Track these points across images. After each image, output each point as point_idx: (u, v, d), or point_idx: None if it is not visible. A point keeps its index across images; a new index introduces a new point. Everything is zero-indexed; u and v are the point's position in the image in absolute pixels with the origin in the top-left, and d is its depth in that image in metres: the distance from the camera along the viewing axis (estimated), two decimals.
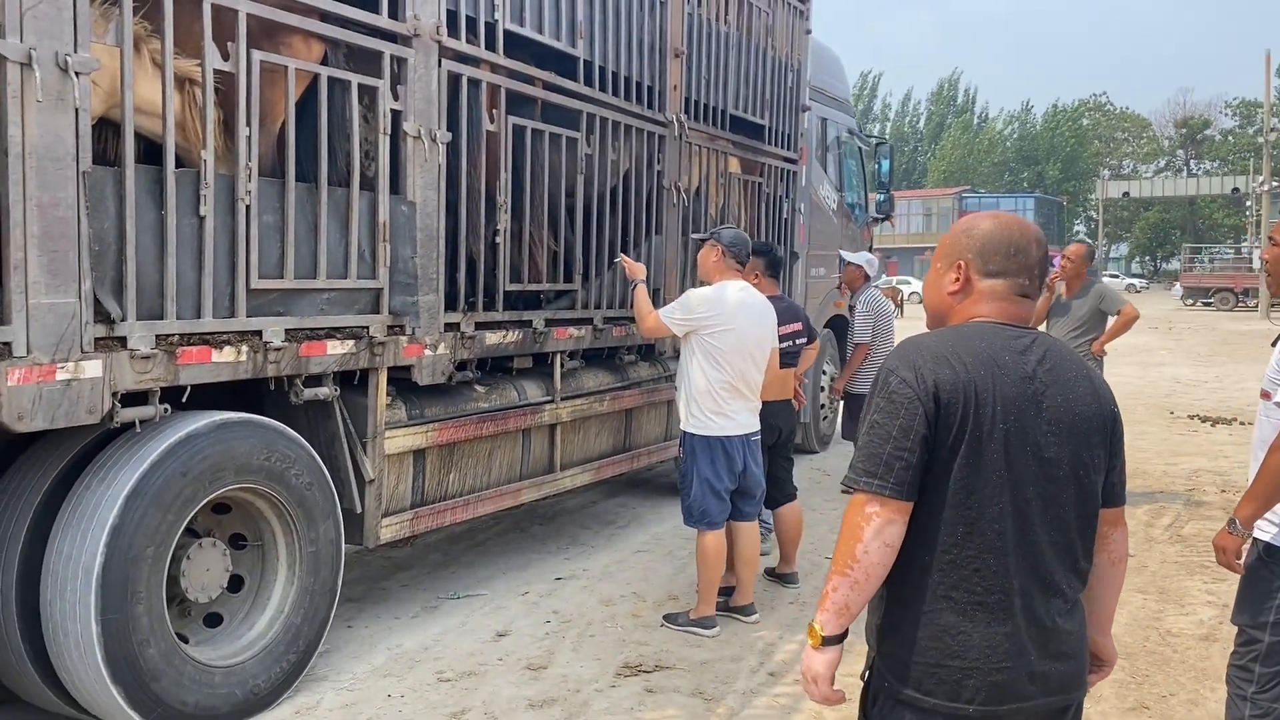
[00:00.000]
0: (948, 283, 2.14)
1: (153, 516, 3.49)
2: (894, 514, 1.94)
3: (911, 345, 2.04)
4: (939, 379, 1.94)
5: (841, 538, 1.99)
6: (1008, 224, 2.13)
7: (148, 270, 3.47)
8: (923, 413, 1.93)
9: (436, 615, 5.09)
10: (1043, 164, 70.81)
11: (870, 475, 1.95)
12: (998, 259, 2.08)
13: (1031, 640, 1.95)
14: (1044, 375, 2.00)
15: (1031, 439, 1.96)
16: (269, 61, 3.85)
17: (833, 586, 1.98)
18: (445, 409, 4.91)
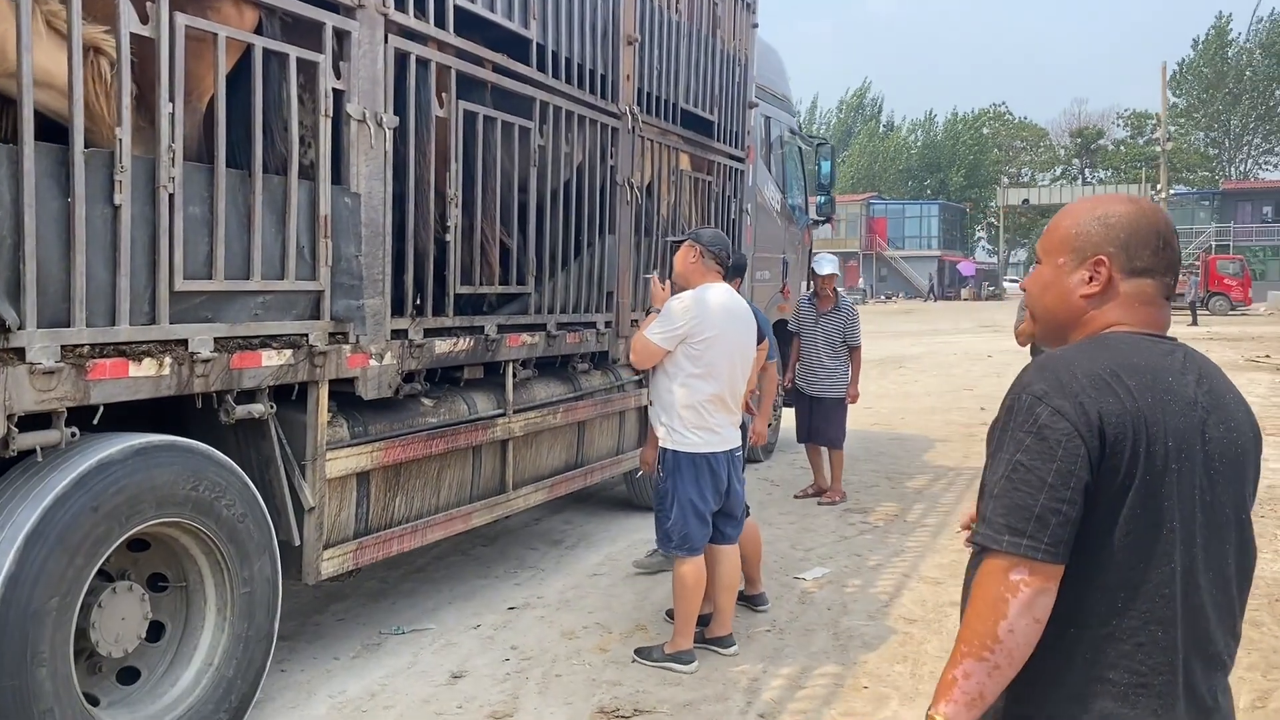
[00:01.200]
0: (1078, 283, 1.71)
1: (57, 561, 2.93)
2: (1046, 582, 1.54)
3: (1059, 365, 1.61)
4: (1103, 410, 1.54)
5: (974, 612, 1.58)
6: (1147, 210, 1.72)
7: (51, 269, 2.92)
8: (1085, 453, 1.53)
9: (380, 654, 4.57)
10: (946, 171, 72.27)
11: (1017, 534, 1.53)
12: (1146, 254, 1.68)
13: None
14: (1204, 399, 1.62)
15: (1199, 479, 1.59)
16: (195, 27, 3.31)
17: (963, 672, 1.56)
18: (391, 425, 4.40)
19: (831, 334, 7.66)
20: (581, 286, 5.74)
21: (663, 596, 5.33)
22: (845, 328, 7.68)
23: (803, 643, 4.71)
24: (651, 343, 4.33)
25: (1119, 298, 1.69)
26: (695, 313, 4.25)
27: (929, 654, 4.59)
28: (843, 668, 4.41)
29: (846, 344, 7.68)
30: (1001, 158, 75.42)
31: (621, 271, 6.12)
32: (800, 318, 7.87)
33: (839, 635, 4.80)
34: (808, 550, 6.27)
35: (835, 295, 7.76)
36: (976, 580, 1.59)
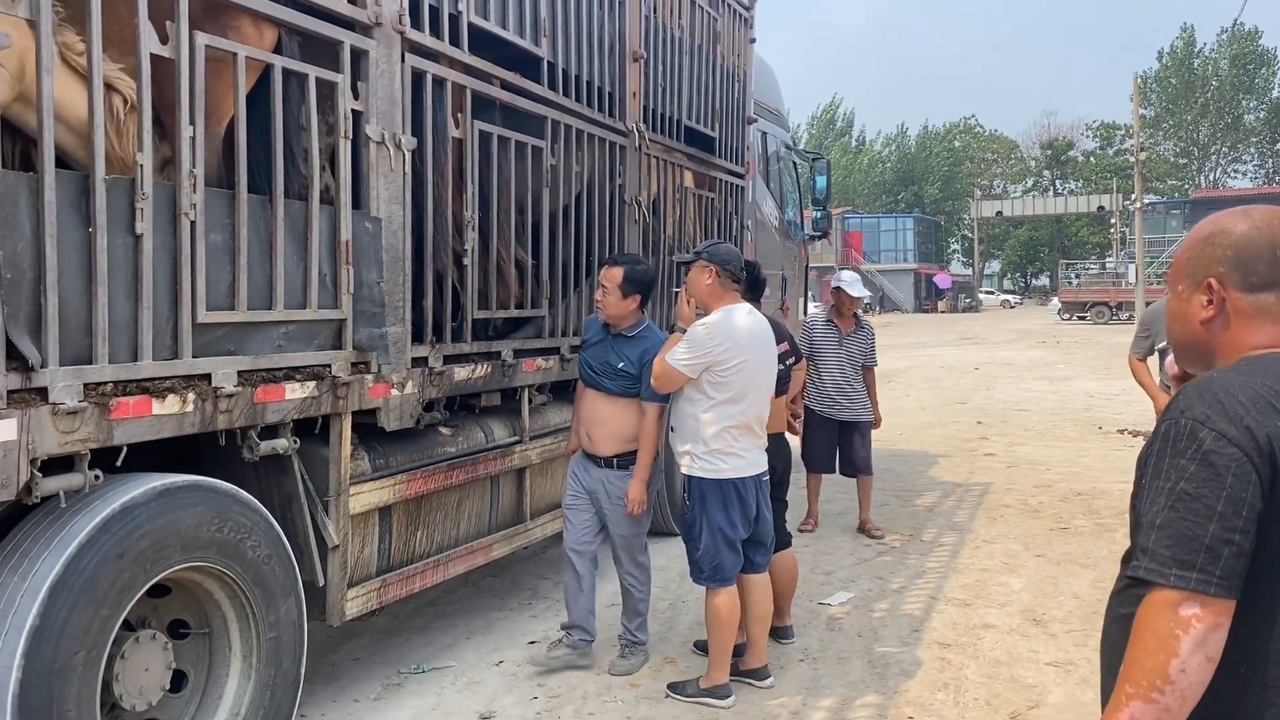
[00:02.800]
0: (1197, 308, 1.65)
1: (83, 613, 2.77)
2: (1220, 617, 1.43)
3: (1219, 387, 1.51)
4: (1272, 433, 1.45)
5: (1141, 650, 1.46)
6: (1260, 222, 1.62)
7: (73, 302, 2.76)
8: (1256, 479, 1.43)
9: (402, 695, 4.40)
10: (919, 184, 72.79)
11: (1186, 566, 1.43)
12: (1263, 266, 1.59)
13: None
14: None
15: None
16: (215, 47, 3.17)
17: (1130, 716, 1.44)
18: (411, 456, 4.25)
19: (855, 355, 7.24)
20: (586, 306, 5.60)
21: (687, 627, 5.18)
22: (869, 348, 7.30)
23: (839, 672, 4.58)
24: (674, 369, 4.17)
25: (1245, 317, 1.61)
26: (721, 340, 4.09)
27: (970, 680, 4.47)
28: (884, 697, 4.28)
29: (865, 365, 7.30)
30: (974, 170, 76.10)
31: None
32: (818, 339, 7.25)
33: (874, 663, 4.67)
34: (828, 574, 6.14)
35: (855, 315, 7.37)
36: (1142, 618, 1.48)
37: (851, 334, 7.24)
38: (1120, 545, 6.60)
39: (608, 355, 4.50)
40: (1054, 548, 6.70)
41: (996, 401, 14.93)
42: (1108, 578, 5.95)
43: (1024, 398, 15.40)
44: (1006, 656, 4.76)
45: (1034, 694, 4.33)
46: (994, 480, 9.06)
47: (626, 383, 4.45)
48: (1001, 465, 9.83)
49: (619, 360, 4.46)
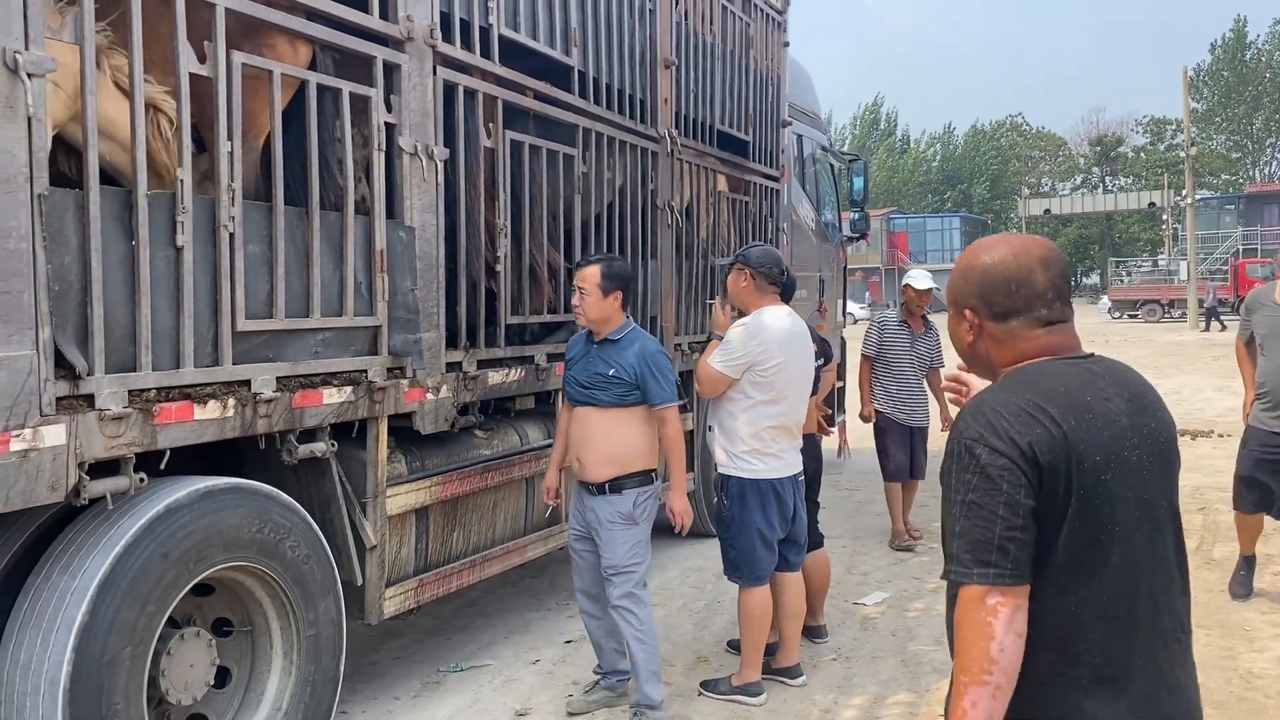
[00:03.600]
0: (964, 332, 1.92)
1: (130, 609, 2.89)
2: (1019, 599, 1.67)
3: (987, 406, 1.75)
4: (1034, 440, 1.68)
5: (965, 642, 1.67)
6: (1006, 254, 1.87)
7: (117, 313, 2.89)
8: (1025, 482, 1.67)
9: (441, 692, 4.50)
10: (967, 183, 72.07)
11: (985, 564, 1.66)
12: (1000, 299, 1.85)
13: (1160, 704, 1.74)
14: (1126, 408, 1.78)
15: (1133, 483, 1.74)
16: (251, 65, 3.29)
17: (971, 702, 1.64)
18: (447, 459, 4.35)
19: (924, 357, 6.94)
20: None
21: (722, 626, 5.24)
22: (937, 350, 6.96)
23: (871, 670, 4.61)
24: (715, 370, 4.23)
25: (997, 340, 1.86)
26: (758, 340, 4.16)
27: None
28: (916, 695, 4.31)
29: (932, 366, 7.00)
30: (1021, 169, 75.17)
31: (664, 295, 6.06)
32: (887, 340, 6.94)
33: (907, 662, 4.69)
34: (864, 574, 6.16)
35: (924, 315, 7.04)
36: (959, 614, 1.69)
37: (922, 335, 6.94)
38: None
39: (596, 365, 4.08)
40: None
41: None
42: None
43: None
44: None
45: None
46: None
47: (622, 391, 4.01)
48: None
49: (609, 367, 4.03)
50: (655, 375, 4.01)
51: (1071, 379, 1.77)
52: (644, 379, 4.00)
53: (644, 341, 4.12)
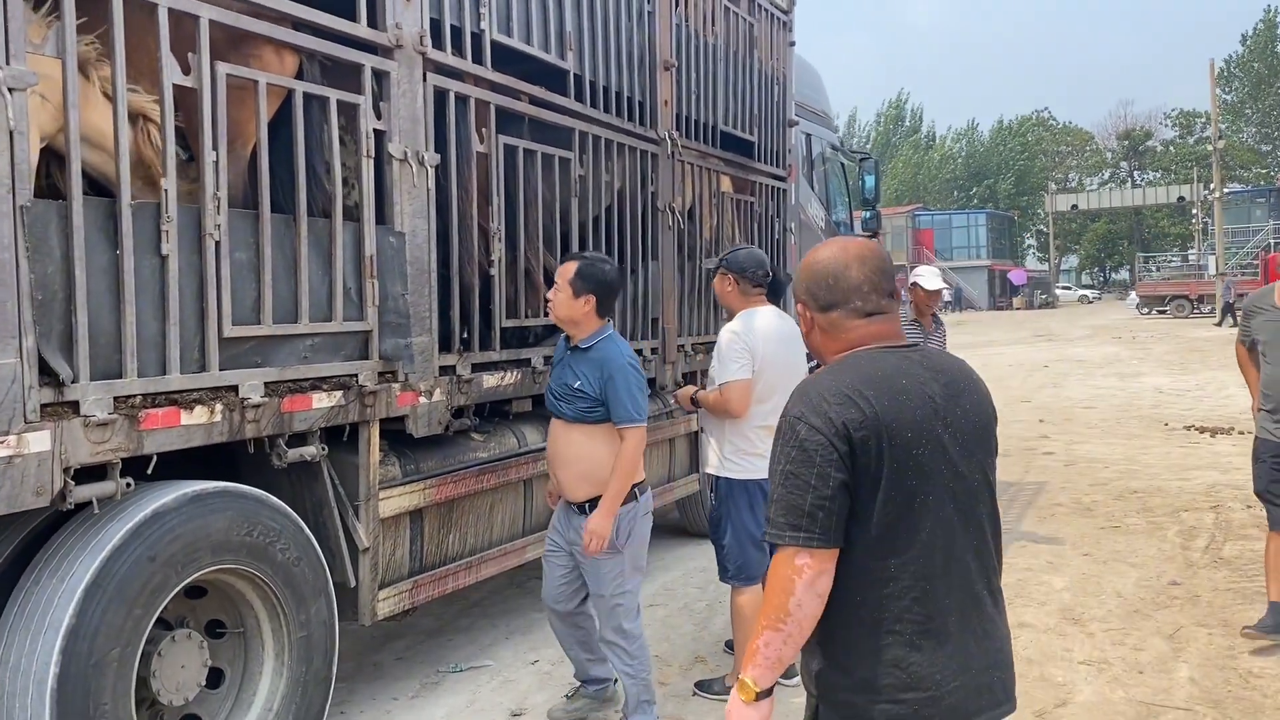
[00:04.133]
0: (803, 324, 2.18)
1: (117, 612, 2.94)
2: (824, 563, 1.89)
3: (812, 388, 1.98)
4: (848, 419, 1.89)
5: (771, 592, 1.92)
6: (829, 253, 2.12)
7: (102, 321, 2.94)
8: (837, 457, 1.88)
9: (439, 693, 4.55)
10: (993, 179, 71.56)
11: (795, 528, 1.89)
12: (822, 293, 2.09)
13: (972, 655, 1.95)
14: (941, 391, 2.00)
15: (945, 459, 1.95)
16: (236, 75, 3.34)
17: (764, 642, 1.92)
18: (442, 462, 4.39)
19: None
20: (626, 314, 5.70)
21: (721, 627, 5.25)
22: (944, 347, 6.66)
23: None
24: (732, 382, 4.15)
25: (824, 330, 2.10)
26: (744, 345, 4.17)
27: None
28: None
29: None
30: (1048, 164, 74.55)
31: (666, 297, 6.08)
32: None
33: None
34: None
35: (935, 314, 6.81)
36: (771, 569, 1.93)
37: (933, 334, 6.70)
38: (1172, 543, 6.52)
39: (566, 375, 3.84)
40: (1102, 546, 6.61)
41: (1062, 399, 14.68)
42: (1154, 576, 5.89)
43: (1091, 395, 15.12)
44: (1039, 655, 4.74)
45: (1062, 692, 4.31)
46: (1049, 479, 8.95)
47: (584, 406, 3.74)
48: (1059, 464, 9.69)
49: (576, 379, 3.78)
50: (619, 389, 3.70)
51: (888, 364, 1.99)
52: (607, 393, 3.71)
53: (611, 352, 3.77)
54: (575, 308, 3.80)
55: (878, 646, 1.90)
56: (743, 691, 1.96)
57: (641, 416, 3.74)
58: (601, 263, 3.91)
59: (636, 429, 3.73)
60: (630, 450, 3.72)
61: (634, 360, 3.83)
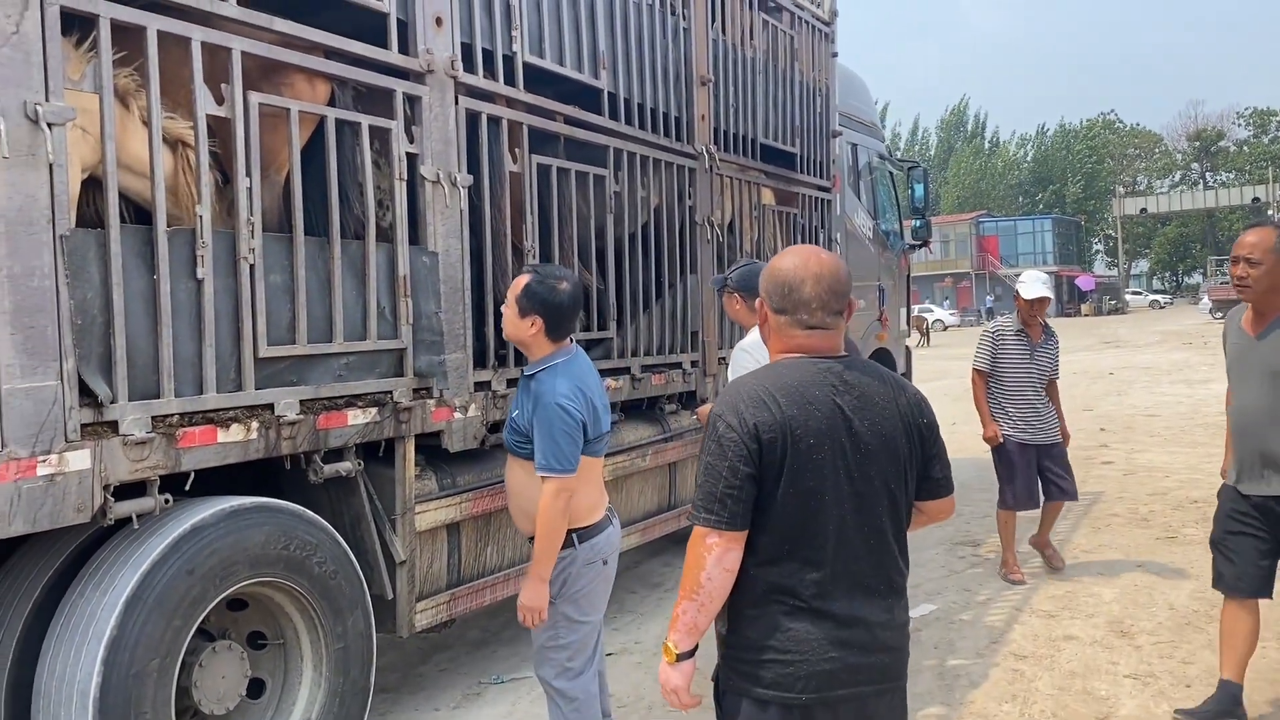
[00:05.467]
0: (759, 315, 2.40)
1: (156, 624, 3.05)
2: (730, 543, 2.19)
3: (735, 390, 2.27)
4: (759, 421, 2.17)
5: (687, 566, 2.22)
6: (793, 263, 2.33)
7: (140, 343, 3.06)
8: (746, 453, 2.16)
9: (479, 704, 4.62)
10: (1059, 184, 70.33)
11: (708, 511, 2.19)
12: (777, 297, 2.32)
13: (855, 638, 2.19)
14: (850, 403, 2.23)
15: (845, 462, 2.20)
16: (269, 104, 3.46)
17: (682, 610, 2.23)
18: (479, 476, 4.46)
19: (1045, 369, 6.29)
20: (665, 328, 5.75)
21: None
22: (1057, 359, 6.39)
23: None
24: None
25: (775, 329, 2.34)
26: (755, 357, 4.15)
27: (1040, 692, 4.40)
28: (948, 709, 4.27)
29: (1049, 377, 6.34)
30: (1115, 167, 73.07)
31: (705, 310, 6.11)
32: (1003, 352, 6.26)
33: (944, 675, 4.65)
34: (914, 586, 6.09)
35: (1044, 322, 6.41)
36: (688, 546, 2.22)
37: (1041, 345, 6.30)
38: None
39: (516, 400, 3.50)
40: (1156, 557, 6.48)
41: (1126, 407, 14.37)
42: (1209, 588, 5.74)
43: (1156, 402, 14.78)
44: (1083, 668, 4.66)
45: (1105, 706, 4.24)
46: (1106, 489, 8.78)
47: (516, 439, 3.39)
48: (1118, 473, 9.50)
49: (515, 407, 3.44)
50: (539, 431, 3.26)
51: (806, 375, 2.24)
52: (533, 430, 3.30)
53: (546, 386, 3.30)
54: (521, 328, 3.39)
55: (766, 614, 2.20)
56: (666, 654, 2.28)
57: (561, 465, 3.23)
58: (554, 279, 3.42)
59: (553, 480, 3.23)
60: (546, 505, 3.24)
61: (568, 398, 3.26)
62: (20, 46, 2.71)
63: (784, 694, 2.17)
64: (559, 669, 3.42)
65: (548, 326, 3.38)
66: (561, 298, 3.39)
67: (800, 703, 2.17)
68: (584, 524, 3.42)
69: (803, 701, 2.17)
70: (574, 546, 3.39)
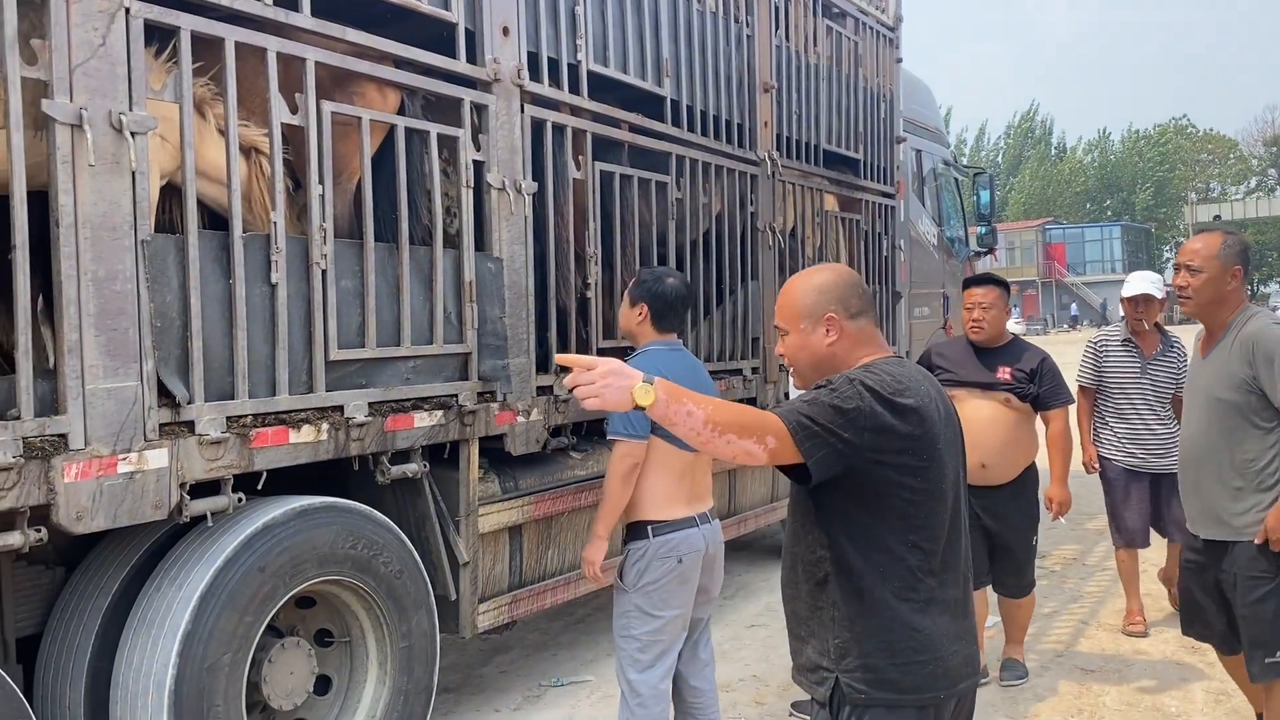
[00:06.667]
0: (821, 338, 2.29)
1: (229, 619, 3.13)
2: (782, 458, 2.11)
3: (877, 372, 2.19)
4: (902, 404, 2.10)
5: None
6: (841, 271, 2.40)
7: (215, 346, 3.15)
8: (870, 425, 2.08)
9: (539, 706, 4.66)
10: (1127, 191, 68.91)
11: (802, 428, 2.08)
12: (855, 301, 2.30)
13: (963, 628, 2.21)
14: (940, 397, 2.25)
15: (952, 458, 2.21)
16: (341, 113, 3.54)
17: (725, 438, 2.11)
18: (540, 479, 4.51)
19: (1163, 385, 5.37)
20: (726, 333, 5.75)
21: None
22: (1180, 373, 5.29)
23: None
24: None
25: (851, 338, 2.28)
26: None
27: (1107, 707, 4.33)
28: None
29: (1176, 394, 5.32)
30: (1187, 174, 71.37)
31: (767, 316, 6.10)
32: (1107, 365, 5.50)
33: (1009, 688, 4.58)
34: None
35: (1160, 330, 5.53)
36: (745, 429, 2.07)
37: (1156, 356, 5.40)
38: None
39: None
40: None
41: None
42: None
43: None
44: (1152, 684, 4.57)
45: None
46: None
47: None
48: None
49: None
50: None
51: (915, 371, 2.26)
52: None
53: (634, 364, 3.23)
54: (630, 318, 3.66)
55: (895, 614, 2.12)
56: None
57: (628, 430, 3.38)
58: (663, 273, 3.74)
59: (621, 443, 3.40)
60: (610, 465, 3.43)
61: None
62: (106, 58, 2.81)
63: (924, 695, 2.12)
64: (629, 659, 3.46)
65: (653, 315, 3.63)
66: (666, 288, 3.65)
67: (938, 701, 2.13)
68: (659, 517, 3.45)
69: (940, 700, 2.13)
70: (648, 538, 3.43)
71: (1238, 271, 3.45)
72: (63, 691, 3.14)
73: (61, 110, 2.70)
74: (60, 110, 2.70)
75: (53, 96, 2.69)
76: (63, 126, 2.71)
